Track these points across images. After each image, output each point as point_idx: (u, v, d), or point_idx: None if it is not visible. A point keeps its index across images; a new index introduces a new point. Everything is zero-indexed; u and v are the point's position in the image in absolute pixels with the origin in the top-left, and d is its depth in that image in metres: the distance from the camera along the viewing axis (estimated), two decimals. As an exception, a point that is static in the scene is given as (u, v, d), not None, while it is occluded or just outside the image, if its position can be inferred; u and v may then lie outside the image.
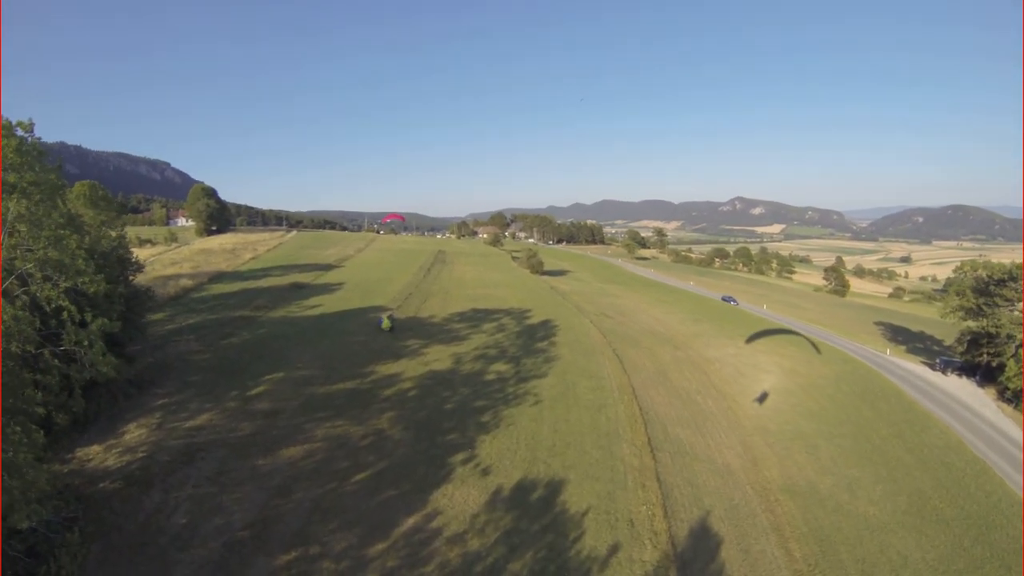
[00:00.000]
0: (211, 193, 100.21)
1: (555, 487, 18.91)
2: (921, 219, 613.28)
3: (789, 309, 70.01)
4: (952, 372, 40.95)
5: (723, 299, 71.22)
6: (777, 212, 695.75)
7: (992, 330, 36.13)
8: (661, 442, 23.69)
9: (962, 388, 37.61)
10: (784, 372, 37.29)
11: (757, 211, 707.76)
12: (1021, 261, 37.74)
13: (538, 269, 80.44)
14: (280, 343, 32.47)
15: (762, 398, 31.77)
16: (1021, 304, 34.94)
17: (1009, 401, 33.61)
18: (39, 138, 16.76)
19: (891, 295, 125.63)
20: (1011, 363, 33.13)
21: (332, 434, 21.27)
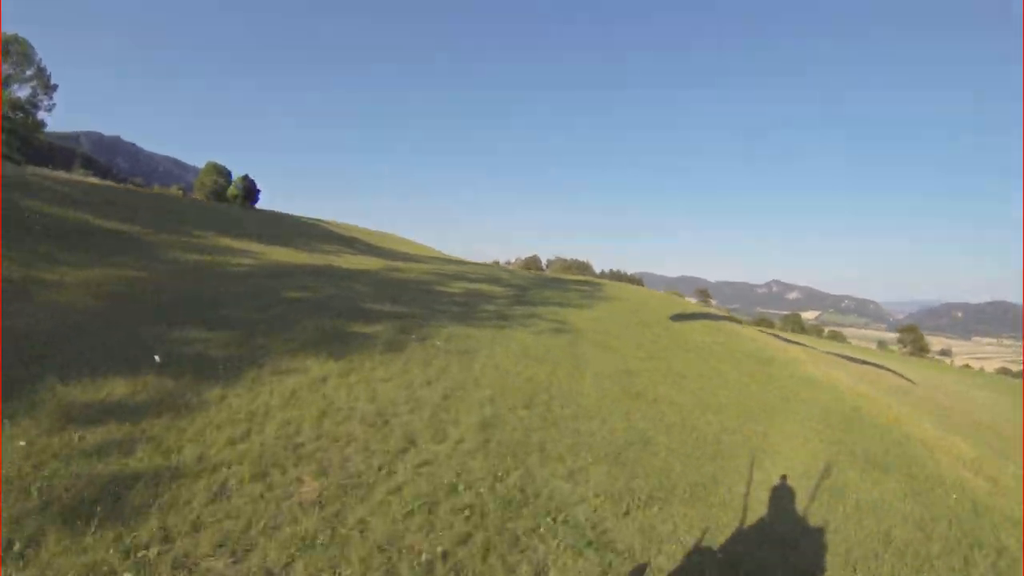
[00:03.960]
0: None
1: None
2: (961, 314, 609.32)
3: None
4: None
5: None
6: (813, 297, 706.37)
7: None
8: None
9: None
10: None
11: (793, 295, 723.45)
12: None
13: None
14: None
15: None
16: None
17: None
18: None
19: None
20: None
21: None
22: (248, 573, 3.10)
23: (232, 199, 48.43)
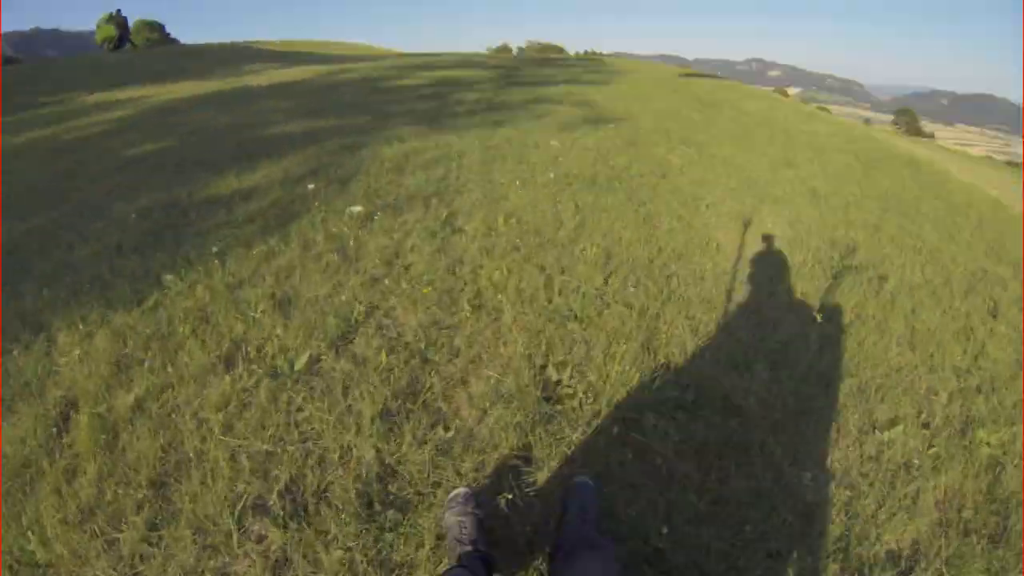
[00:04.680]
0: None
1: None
2: (946, 102, 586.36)
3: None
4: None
5: None
6: (795, 76, 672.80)
7: None
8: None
9: None
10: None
11: (774, 73, 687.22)
12: None
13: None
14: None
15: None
16: None
17: None
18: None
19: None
20: None
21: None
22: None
23: (109, 43, 38.78)
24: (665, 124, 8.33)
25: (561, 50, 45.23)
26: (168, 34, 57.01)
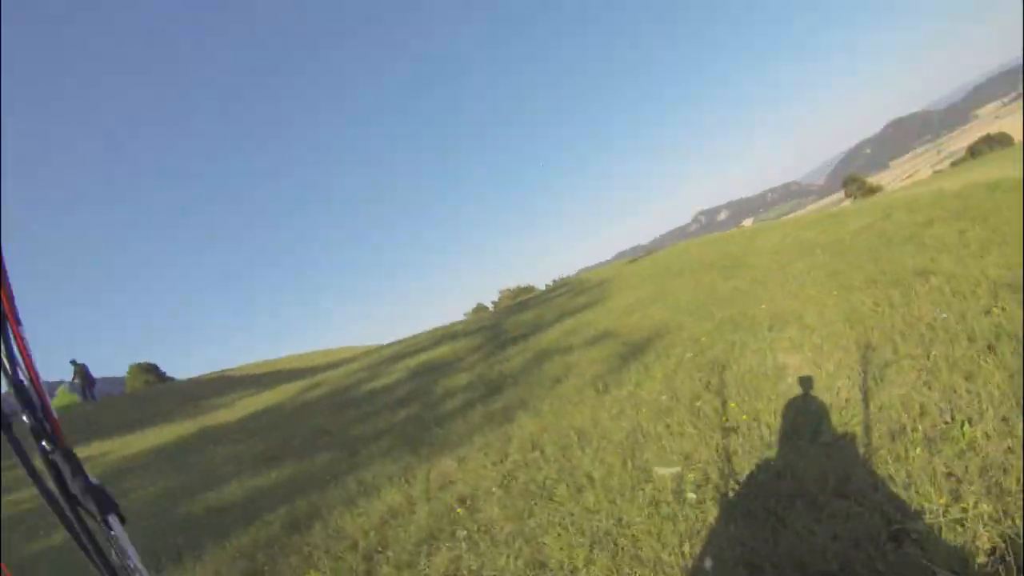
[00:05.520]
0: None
1: None
2: (869, 150, 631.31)
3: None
4: None
5: None
6: (740, 209, 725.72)
7: None
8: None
9: None
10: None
11: (722, 216, 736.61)
12: None
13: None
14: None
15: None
16: None
17: None
18: None
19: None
20: None
21: None
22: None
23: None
24: (709, 318, 6.82)
25: (532, 289, 47.29)
26: (163, 373, 59.28)
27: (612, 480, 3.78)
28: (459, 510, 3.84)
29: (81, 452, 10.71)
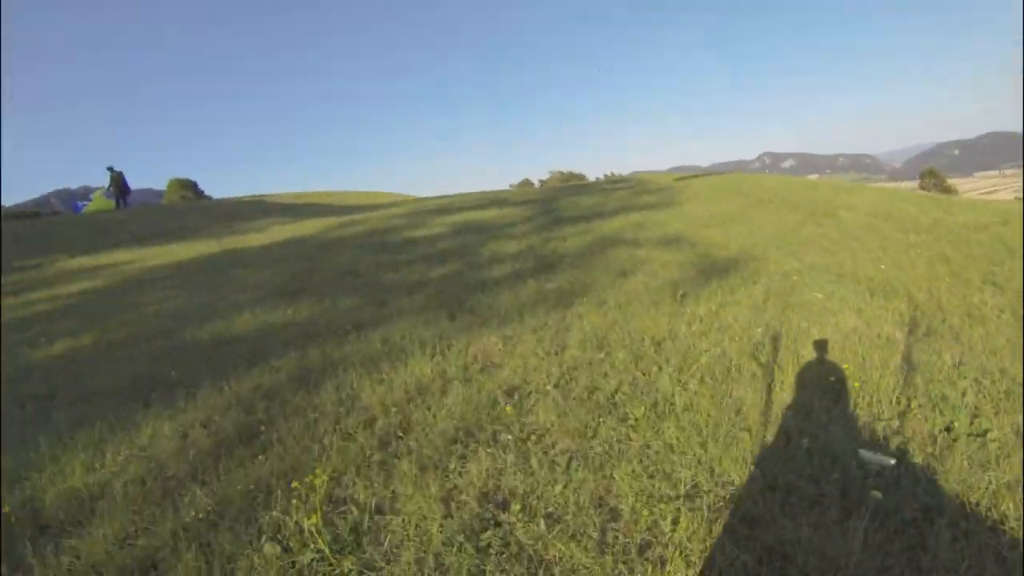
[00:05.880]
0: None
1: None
2: (957, 151, 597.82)
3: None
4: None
5: None
6: (807, 163, 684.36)
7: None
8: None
9: None
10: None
11: (787, 164, 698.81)
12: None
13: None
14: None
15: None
16: None
17: None
18: None
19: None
20: None
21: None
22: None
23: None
24: (797, 257, 5.65)
25: (583, 177, 45.11)
26: (201, 191, 60.39)
27: (699, 416, 2.81)
28: (506, 407, 2.95)
29: (103, 260, 10.54)
